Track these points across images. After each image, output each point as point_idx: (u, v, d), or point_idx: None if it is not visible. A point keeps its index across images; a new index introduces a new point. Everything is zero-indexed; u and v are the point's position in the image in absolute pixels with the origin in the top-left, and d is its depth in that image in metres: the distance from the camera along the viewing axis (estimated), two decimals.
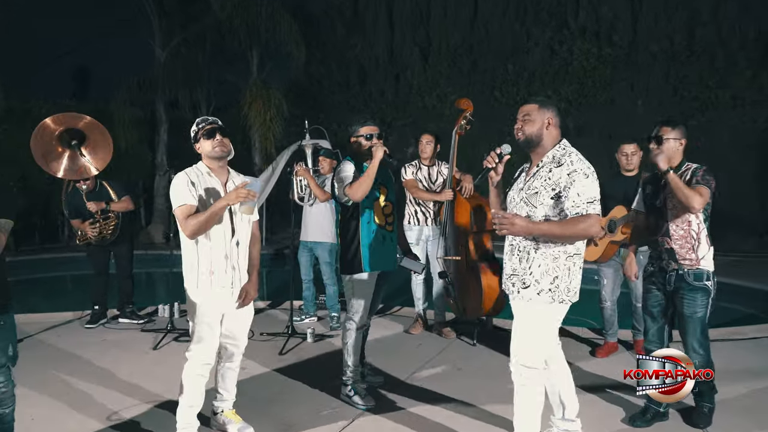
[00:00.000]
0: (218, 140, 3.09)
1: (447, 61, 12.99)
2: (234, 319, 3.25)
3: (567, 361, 3.09)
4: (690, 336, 3.39)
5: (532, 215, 2.76)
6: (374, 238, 3.65)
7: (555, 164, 2.76)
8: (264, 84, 12.56)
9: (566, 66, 11.66)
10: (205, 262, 3.09)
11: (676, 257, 3.39)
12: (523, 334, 2.84)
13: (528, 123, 2.84)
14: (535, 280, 2.77)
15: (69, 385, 4.08)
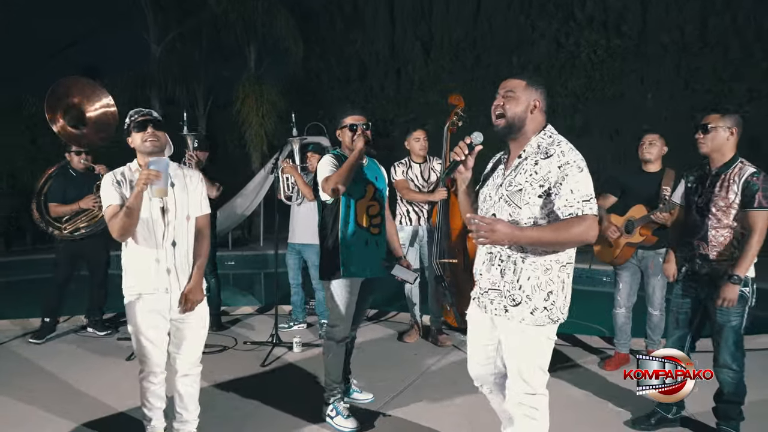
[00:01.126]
0: (149, 133, 2.77)
1: (449, 56, 12.60)
2: (178, 327, 2.90)
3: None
4: (723, 348, 3.05)
5: (516, 217, 2.25)
6: (356, 242, 3.25)
7: (542, 155, 2.25)
8: (258, 80, 12.22)
9: (573, 59, 11.24)
10: (133, 267, 2.82)
11: (710, 261, 3.05)
12: (521, 362, 2.33)
13: (511, 101, 2.32)
14: (526, 297, 2.26)
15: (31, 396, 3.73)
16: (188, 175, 2.96)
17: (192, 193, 2.93)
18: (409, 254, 4.92)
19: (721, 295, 2.96)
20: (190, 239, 2.92)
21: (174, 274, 2.83)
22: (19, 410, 3.59)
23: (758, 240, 2.94)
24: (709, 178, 3.10)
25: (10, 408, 3.63)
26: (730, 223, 3.01)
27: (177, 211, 2.85)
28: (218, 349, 4.80)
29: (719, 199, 3.03)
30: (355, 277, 3.28)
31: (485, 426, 3.28)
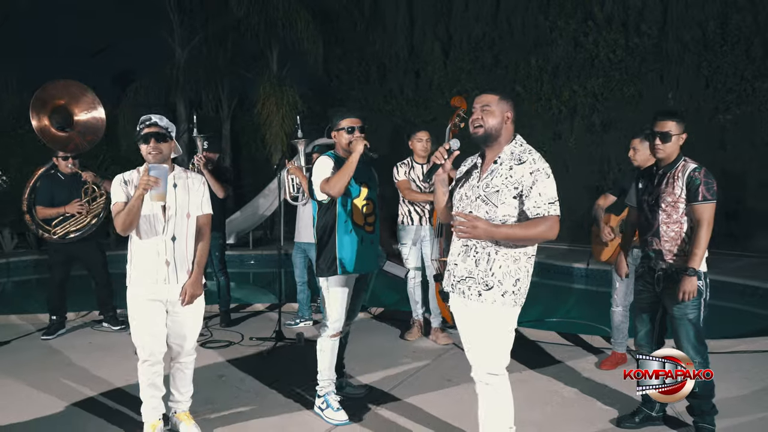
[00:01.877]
0: (151, 146, 3.03)
1: (468, 57, 12.58)
2: (175, 317, 3.14)
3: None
4: (684, 341, 3.15)
5: (492, 214, 2.57)
6: (351, 239, 3.40)
7: (516, 161, 2.59)
8: (278, 81, 12.41)
9: (592, 59, 11.11)
10: (136, 258, 3.07)
11: (664, 257, 3.18)
12: (486, 341, 2.64)
13: (488, 114, 2.62)
14: (498, 281, 2.58)
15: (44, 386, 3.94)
16: (191, 178, 3.21)
17: (194, 193, 3.17)
18: (410, 254, 5.02)
19: (681, 289, 3.06)
20: (190, 236, 3.15)
21: (173, 267, 3.07)
22: (32, 398, 3.81)
23: (707, 231, 3.08)
24: (657, 177, 3.25)
25: (23, 396, 3.85)
26: (679, 218, 3.15)
27: (177, 209, 3.09)
28: (224, 345, 4.96)
29: (667, 195, 3.16)
30: (351, 273, 3.42)
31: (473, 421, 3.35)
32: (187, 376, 3.30)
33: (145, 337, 3.08)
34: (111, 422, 3.43)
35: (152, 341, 3.08)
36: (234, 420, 3.46)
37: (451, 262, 2.73)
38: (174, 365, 3.27)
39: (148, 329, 3.08)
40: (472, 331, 2.67)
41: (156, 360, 3.10)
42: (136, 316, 3.09)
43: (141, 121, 3.09)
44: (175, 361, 3.26)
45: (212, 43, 13.82)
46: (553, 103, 11.54)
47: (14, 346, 4.93)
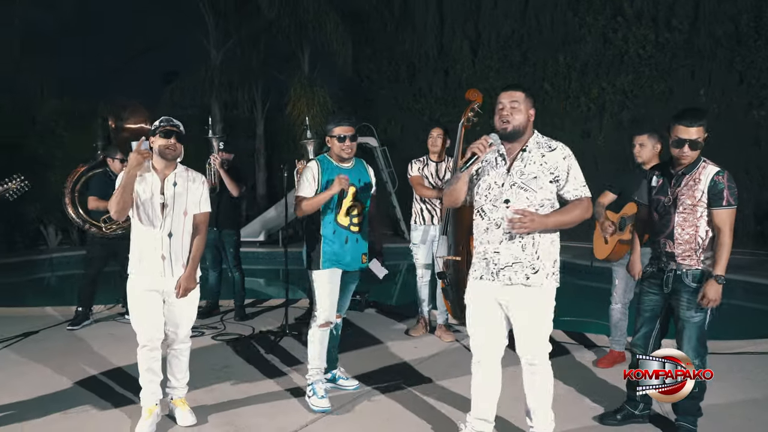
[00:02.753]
0: (171, 142, 3.23)
1: (497, 55, 12.57)
2: (171, 307, 3.35)
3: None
4: (685, 342, 3.13)
5: (532, 199, 2.74)
6: (335, 238, 3.56)
7: (546, 149, 2.78)
8: (308, 82, 12.65)
9: (621, 55, 10.97)
10: (136, 250, 3.30)
11: (675, 258, 3.14)
12: (534, 326, 2.82)
13: (516, 111, 2.74)
14: (542, 264, 2.78)
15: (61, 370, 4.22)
16: (191, 178, 3.38)
17: (192, 192, 3.34)
18: (420, 252, 5.12)
19: (705, 294, 3.02)
20: (186, 232, 3.34)
21: (168, 261, 3.27)
22: (48, 381, 4.09)
23: (730, 236, 3.03)
24: (675, 177, 3.16)
25: (41, 379, 4.13)
26: (695, 221, 3.09)
27: (175, 206, 3.28)
28: (235, 337, 5.17)
29: (686, 198, 3.10)
30: (335, 268, 3.57)
31: (457, 415, 3.45)
32: (182, 362, 3.50)
33: (142, 324, 3.30)
34: (114, 405, 3.67)
35: (149, 328, 3.29)
36: (229, 407, 3.64)
37: (490, 250, 2.82)
38: (170, 352, 3.48)
39: (146, 317, 3.29)
40: (520, 315, 2.81)
41: (153, 346, 3.32)
42: (134, 305, 3.30)
43: (163, 119, 3.31)
44: (170, 348, 3.47)
45: (246, 46, 14.18)
46: (581, 100, 11.43)
47: (42, 335, 5.26)
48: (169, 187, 3.26)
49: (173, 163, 3.31)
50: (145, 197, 3.23)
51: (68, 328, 5.42)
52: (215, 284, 5.98)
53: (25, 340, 5.12)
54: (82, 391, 3.95)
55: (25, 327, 5.40)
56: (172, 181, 3.28)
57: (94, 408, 3.66)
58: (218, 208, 5.60)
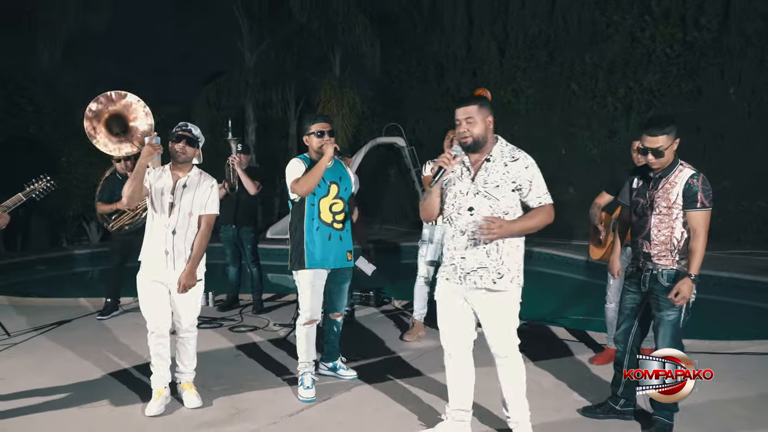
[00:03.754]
0: (180, 146, 3.54)
1: (524, 55, 12.61)
2: (175, 298, 3.63)
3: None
4: (661, 340, 3.27)
5: (495, 207, 2.90)
6: (318, 236, 3.73)
7: (509, 159, 2.92)
8: (338, 83, 12.93)
9: (648, 54, 10.87)
10: (145, 244, 3.61)
11: (651, 259, 3.27)
12: (501, 326, 2.99)
13: (472, 125, 2.89)
14: (507, 269, 2.93)
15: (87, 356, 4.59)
16: (201, 181, 3.65)
17: (199, 195, 3.61)
18: (428, 251, 5.27)
19: (677, 289, 3.13)
20: (190, 231, 3.60)
21: (171, 256, 3.55)
22: (74, 366, 4.46)
23: (704, 238, 3.13)
24: (653, 180, 3.27)
25: (68, 364, 4.51)
26: (671, 223, 3.21)
27: (182, 206, 3.56)
28: (250, 329, 5.46)
29: (662, 200, 3.21)
30: (318, 267, 3.75)
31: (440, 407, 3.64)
32: (188, 350, 3.77)
33: (150, 312, 3.60)
34: (129, 387, 3.99)
35: (156, 316, 3.59)
36: (234, 392, 3.92)
37: (457, 256, 2.98)
38: (177, 339, 3.76)
39: (151, 306, 3.59)
40: (488, 316, 2.99)
41: (160, 333, 3.61)
42: (142, 294, 3.61)
43: (179, 125, 3.61)
44: (177, 336, 3.76)
45: (279, 48, 14.56)
46: (608, 100, 11.37)
47: (74, 324, 5.66)
48: (179, 187, 3.56)
49: (187, 166, 3.60)
50: (157, 194, 3.54)
51: (98, 318, 5.81)
52: (235, 279, 6.29)
53: (59, 327, 5.53)
54: (103, 374, 4.29)
55: (60, 316, 5.82)
56: (182, 182, 3.58)
57: (110, 389, 3.99)
58: (237, 207, 5.92)
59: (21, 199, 3.53)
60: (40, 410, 3.62)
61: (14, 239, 11.67)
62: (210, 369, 4.33)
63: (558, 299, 7.69)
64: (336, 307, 4.03)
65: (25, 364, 4.51)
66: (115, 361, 4.56)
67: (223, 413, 3.61)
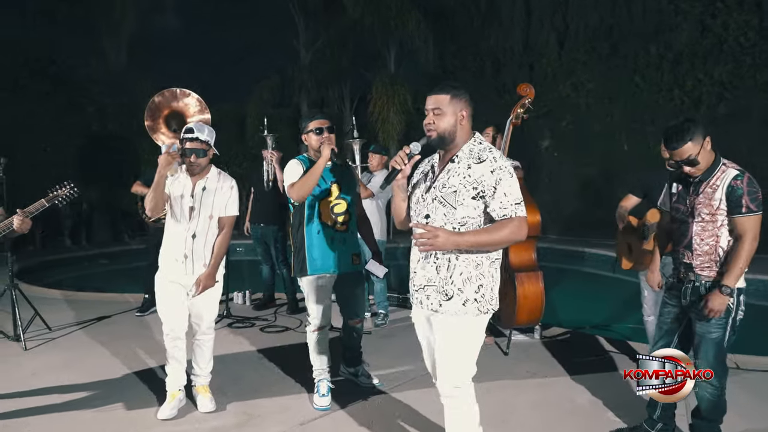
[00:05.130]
0: (190, 161, 3.44)
1: (584, 47, 12.04)
2: (193, 300, 3.56)
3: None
4: (702, 359, 2.93)
5: (450, 217, 2.44)
6: (320, 240, 3.56)
7: (474, 160, 2.44)
8: (390, 79, 12.79)
9: (720, 44, 10.12)
10: (164, 247, 3.54)
11: (693, 269, 2.94)
12: (450, 353, 2.51)
13: (440, 117, 2.47)
14: (458, 290, 2.45)
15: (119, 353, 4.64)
16: (221, 183, 3.57)
17: (220, 196, 3.53)
18: None
19: (708, 305, 2.81)
20: (210, 234, 3.53)
21: (190, 260, 3.48)
22: (103, 363, 4.52)
23: (749, 247, 2.78)
24: (692, 185, 2.94)
25: (98, 359, 4.57)
26: (715, 231, 2.87)
27: (201, 210, 3.49)
28: (280, 330, 5.40)
29: (703, 207, 2.88)
30: (322, 272, 3.57)
31: None
32: (205, 352, 3.71)
33: (166, 314, 3.54)
34: (151, 389, 3.97)
35: (172, 318, 3.53)
36: (250, 397, 3.83)
37: (411, 269, 2.63)
38: (194, 341, 3.70)
39: (168, 308, 3.53)
40: (437, 340, 2.56)
41: (176, 335, 3.56)
42: (160, 295, 3.56)
43: (184, 133, 3.43)
44: (194, 338, 3.70)
45: (334, 45, 14.56)
46: (674, 93, 10.70)
47: (113, 320, 5.78)
48: (198, 190, 3.48)
49: (206, 168, 3.52)
50: (176, 198, 3.47)
51: (136, 314, 5.90)
52: (269, 277, 6.25)
53: (98, 323, 5.66)
54: (128, 372, 4.32)
55: (103, 311, 5.97)
56: (202, 185, 3.49)
57: (132, 388, 4.00)
58: (268, 205, 5.87)
59: (44, 205, 3.52)
60: (58, 410, 3.64)
61: (79, 234, 12.20)
62: (231, 371, 4.28)
63: (608, 305, 7.26)
64: (353, 312, 3.84)
65: (58, 359, 4.61)
66: (143, 359, 4.58)
67: (233, 419, 3.53)
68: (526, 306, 4.42)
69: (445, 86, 2.52)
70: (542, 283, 4.36)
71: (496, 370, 4.29)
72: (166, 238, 3.56)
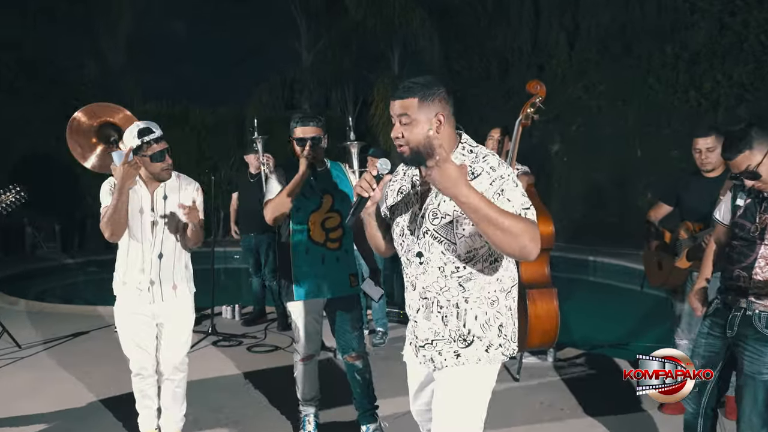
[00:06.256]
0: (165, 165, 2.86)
1: (596, 47, 11.57)
2: (162, 330, 3.02)
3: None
4: (749, 406, 2.47)
5: (452, 254, 1.91)
6: (308, 259, 3.06)
7: (469, 175, 1.86)
8: (392, 82, 12.37)
9: (740, 42, 9.61)
10: (121, 272, 2.95)
11: (748, 296, 2.48)
12: (461, 409, 1.99)
13: (410, 127, 1.89)
14: (476, 337, 1.96)
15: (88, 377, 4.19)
16: (184, 186, 3.02)
17: (185, 200, 2.96)
18: None
19: None
20: (178, 251, 2.99)
21: (158, 286, 2.92)
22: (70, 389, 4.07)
23: None
24: (764, 202, 2.50)
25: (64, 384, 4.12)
26: None
27: (166, 223, 2.92)
28: (269, 349, 4.96)
29: None
30: (308, 299, 3.08)
31: None
32: (177, 395, 3.15)
33: (133, 350, 2.99)
34: (121, 420, 3.53)
35: (141, 355, 2.99)
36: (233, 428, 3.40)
37: (411, 317, 2.10)
38: (164, 381, 3.11)
39: (136, 342, 2.97)
40: (445, 399, 2.03)
41: (147, 374, 3.04)
42: (123, 329, 2.99)
43: (140, 132, 2.80)
44: (164, 377, 3.11)
45: (336, 47, 14.17)
46: (691, 95, 10.20)
47: (91, 336, 5.37)
48: (158, 201, 2.91)
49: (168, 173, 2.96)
50: (133, 213, 2.86)
51: (115, 330, 5.44)
52: (259, 290, 5.83)
53: (74, 339, 5.24)
54: (96, 399, 3.90)
55: (80, 326, 5.56)
56: (161, 194, 2.92)
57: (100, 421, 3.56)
58: (259, 212, 5.43)
59: None
60: None
61: (71, 241, 11.81)
62: (211, 399, 3.85)
63: (624, 319, 6.77)
64: (348, 345, 3.19)
65: (22, 383, 4.20)
66: (116, 383, 4.10)
67: None
68: (538, 327, 3.98)
69: (410, 86, 1.92)
70: (557, 301, 3.93)
71: (505, 400, 3.80)
72: (123, 263, 2.92)
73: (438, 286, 1.97)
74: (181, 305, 3.04)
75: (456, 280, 1.95)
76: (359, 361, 3.22)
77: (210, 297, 5.46)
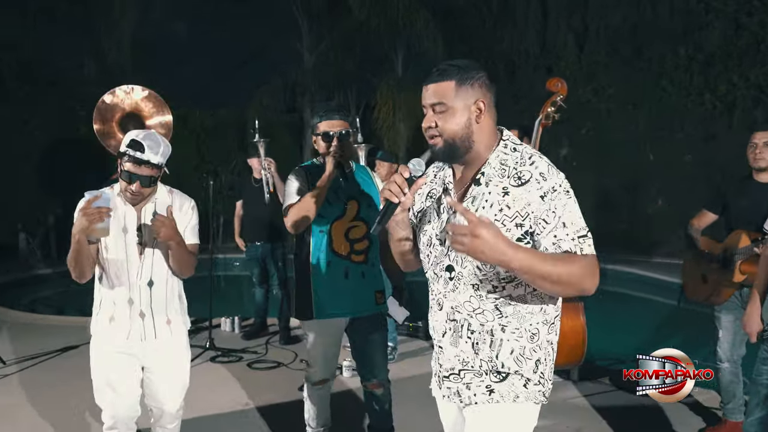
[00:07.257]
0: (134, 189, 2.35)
1: (606, 49, 11.30)
2: (152, 376, 2.55)
3: None
4: None
5: (487, 270, 1.61)
6: (330, 274, 2.71)
7: (513, 180, 1.60)
8: (396, 84, 12.09)
9: (757, 43, 9.35)
10: (104, 306, 2.47)
11: None
12: None
13: (445, 116, 1.62)
14: (514, 371, 1.67)
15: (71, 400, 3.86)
16: (178, 205, 2.54)
17: (179, 223, 2.47)
18: None
19: None
20: (171, 279, 2.52)
21: (149, 319, 2.46)
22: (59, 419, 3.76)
23: None
24: None
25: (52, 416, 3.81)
26: None
27: (157, 246, 2.45)
28: (272, 366, 4.64)
29: None
30: (328, 318, 2.74)
31: None
32: None
33: (108, 396, 2.49)
34: None
35: (118, 403, 2.49)
36: None
37: (437, 342, 1.81)
38: (156, 429, 2.67)
39: (114, 387, 2.48)
40: None
41: (126, 427, 2.53)
42: (98, 370, 2.49)
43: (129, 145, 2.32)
44: (157, 425, 2.67)
45: (339, 49, 13.91)
46: (705, 98, 9.93)
47: (81, 351, 4.99)
48: (147, 218, 2.43)
49: (155, 189, 2.48)
50: (116, 235, 2.39)
51: None
52: (262, 301, 5.52)
53: (62, 355, 4.93)
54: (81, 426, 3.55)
55: (70, 339, 5.22)
56: (151, 210, 2.44)
57: None
58: (266, 220, 5.13)
59: None
60: None
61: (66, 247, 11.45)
62: (205, 427, 3.54)
63: (643, 333, 6.43)
64: (369, 372, 2.87)
65: (2, 406, 3.86)
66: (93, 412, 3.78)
67: None
68: (564, 345, 3.57)
69: (446, 69, 1.63)
70: (583, 317, 3.60)
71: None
72: (105, 296, 2.46)
73: (470, 306, 1.67)
74: (177, 344, 2.58)
75: (492, 302, 1.65)
76: (380, 389, 2.90)
77: (208, 307, 5.15)
